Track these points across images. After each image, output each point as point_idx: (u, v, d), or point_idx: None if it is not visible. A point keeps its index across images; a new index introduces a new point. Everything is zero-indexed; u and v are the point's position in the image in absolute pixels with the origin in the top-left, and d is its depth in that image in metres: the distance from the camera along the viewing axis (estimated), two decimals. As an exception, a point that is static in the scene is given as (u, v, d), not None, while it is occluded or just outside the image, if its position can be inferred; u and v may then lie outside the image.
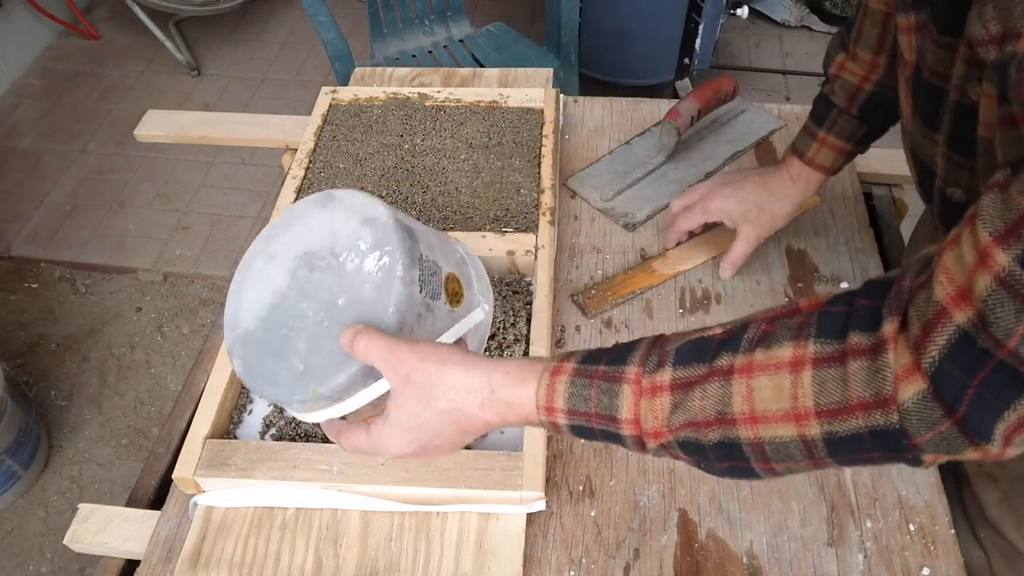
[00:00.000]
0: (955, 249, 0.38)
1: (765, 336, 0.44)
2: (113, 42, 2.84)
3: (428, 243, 0.59)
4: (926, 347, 0.38)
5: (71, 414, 1.82)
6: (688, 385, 0.45)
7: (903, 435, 0.40)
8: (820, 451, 0.42)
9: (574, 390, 0.48)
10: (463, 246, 0.67)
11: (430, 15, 1.98)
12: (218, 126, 1.14)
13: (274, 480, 0.67)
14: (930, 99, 0.55)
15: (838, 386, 0.41)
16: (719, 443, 0.44)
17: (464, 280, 0.62)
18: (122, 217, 2.23)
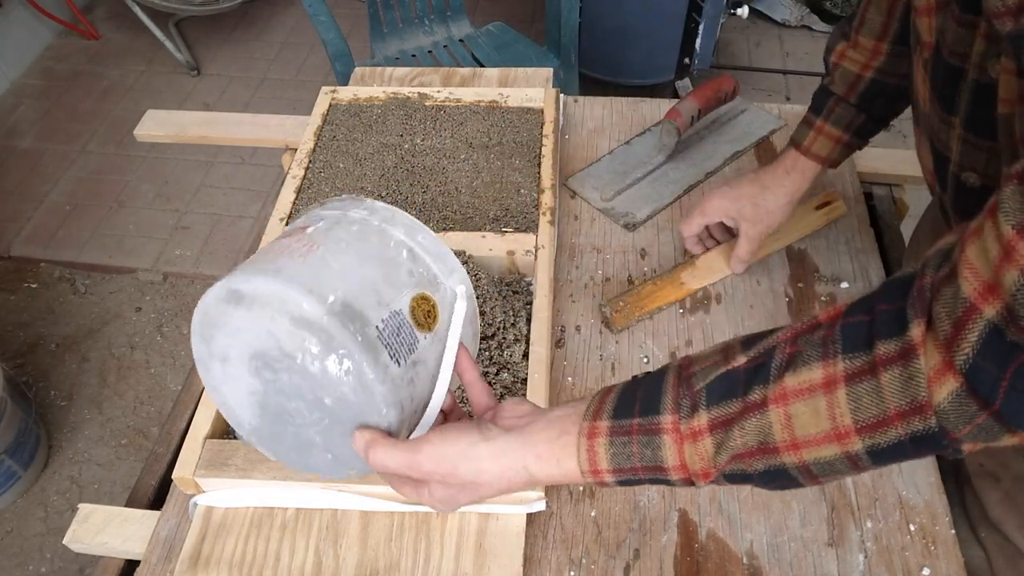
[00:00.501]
0: (978, 242, 0.37)
1: (792, 359, 0.43)
2: (113, 42, 2.84)
3: (373, 294, 0.51)
4: (959, 345, 0.37)
5: (71, 414, 1.82)
6: (726, 423, 0.44)
7: (943, 435, 0.40)
8: (864, 462, 0.43)
9: (615, 450, 0.47)
10: (400, 223, 0.56)
11: (430, 15, 1.98)
12: (218, 126, 1.14)
13: (274, 480, 0.67)
14: (949, 80, 0.55)
15: (874, 400, 0.40)
16: (765, 471, 0.45)
17: (428, 284, 0.55)
18: (122, 217, 2.23)
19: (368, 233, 0.54)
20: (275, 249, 0.53)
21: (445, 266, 0.56)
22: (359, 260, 0.52)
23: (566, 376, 0.80)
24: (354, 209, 0.55)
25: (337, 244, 0.52)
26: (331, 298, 0.49)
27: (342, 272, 0.51)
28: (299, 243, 0.52)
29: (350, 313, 0.49)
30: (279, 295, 0.49)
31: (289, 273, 0.49)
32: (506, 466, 0.49)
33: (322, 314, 0.48)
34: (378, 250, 0.53)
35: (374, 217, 0.55)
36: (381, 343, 0.49)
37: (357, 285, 0.50)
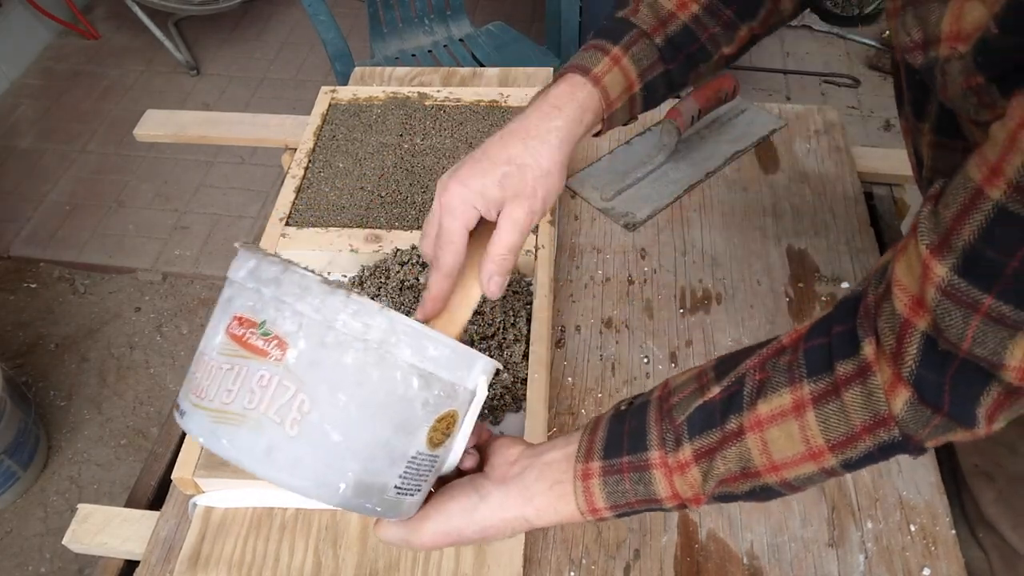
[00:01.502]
0: (903, 259, 0.40)
1: (762, 386, 0.46)
2: (112, 42, 2.84)
3: (386, 456, 0.44)
4: (903, 358, 0.40)
5: (70, 414, 1.82)
6: (709, 453, 0.47)
7: (907, 440, 0.43)
8: (840, 472, 0.46)
9: (610, 488, 0.49)
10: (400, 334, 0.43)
11: (430, 15, 1.98)
12: (218, 126, 1.14)
13: (273, 480, 0.67)
14: (918, 85, 0.55)
15: (841, 419, 0.43)
16: (750, 490, 0.47)
17: (446, 400, 0.46)
18: (121, 217, 2.23)
19: (367, 367, 0.42)
20: (249, 382, 0.42)
21: (463, 369, 0.47)
22: (364, 418, 0.43)
23: (566, 376, 0.80)
24: (340, 313, 0.42)
25: (333, 398, 0.42)
26: (342, 487, 0.43)
27: (347, 446, 0.42)
28: (281, 385, 0.42)
29: (364, 492, 0.44)
30: (282, 486, 0.42)
31: (284, 458, 0.42)
32: (507, 520, 0.51)
33: (335, 503, 0.43)
34: (383, 392, 0.43)
35: (370, 333, 0.42)
36: (401, 494, 0.46)
37: (367, 455, 0.43)
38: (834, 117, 1.07)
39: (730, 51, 0.66)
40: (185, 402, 0.45)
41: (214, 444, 0.43)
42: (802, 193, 0.97)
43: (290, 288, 0.43)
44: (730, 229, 0.94)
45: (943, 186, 0.38)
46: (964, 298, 0.36)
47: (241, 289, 0.45)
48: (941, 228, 0.37)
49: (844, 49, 2.63)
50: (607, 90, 0.58)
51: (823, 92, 2.48)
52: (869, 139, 2.28)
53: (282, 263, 0.44)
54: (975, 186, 0.35)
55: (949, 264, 0.36)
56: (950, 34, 0.41)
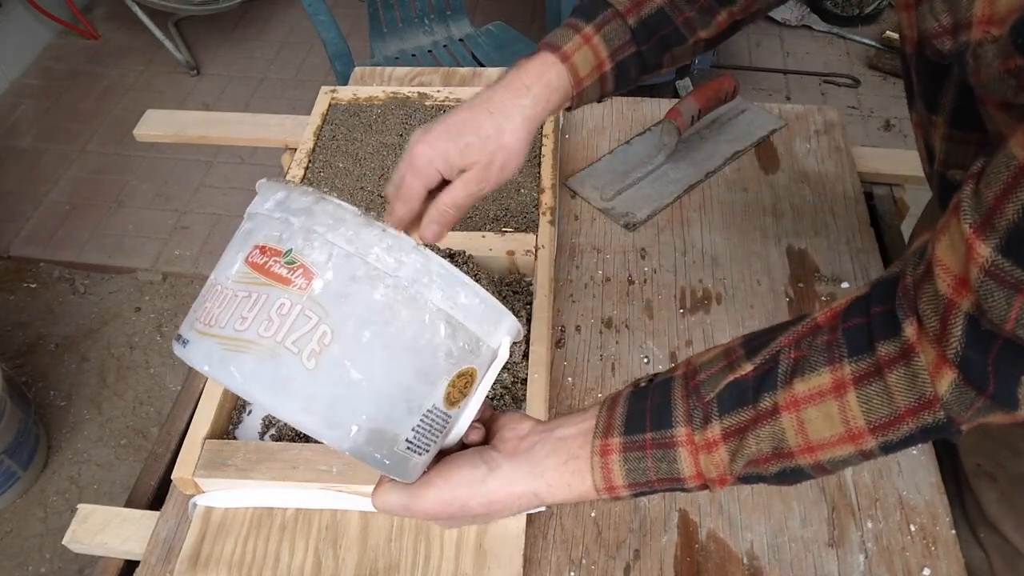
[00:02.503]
0: (945, 239, 0.39)
1: (798, 364, 0.44)
2: (112, 42, 2.84)
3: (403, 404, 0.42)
4: (947, 339, 0.39)
5: (70, 414, 1.82)
6: (740, 432, 0.45)
7: (951, 423, 0.41)
8: (876, 455, 0.44)
9: (630, 466, 0.48)
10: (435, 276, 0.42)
11: (430, 14, 1.98)
12: (218, 126, 1.14)
13: (273, 481, 0.67)
14: (934, 77, 0.55)
15: (884, 400, 0.42)
16: (780, 472, 0.46)
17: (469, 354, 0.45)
18: (121, 217, 2.23)
19: (396, 306, 0.41)
20: (268, 310, 0.40)
21: (490, 323, 0.46)
22: (387, 359, 0.41)
23: (566, 376, 0.80)
24: (374, 246, 0.41)
25: (357, 334, 0.40)
26: (354, 430, 0.41)
27: (367, 386, 0.41)
28: (303, 315, 0.40)
29: (376, 440, 0.42)
30: (292, 421, 0.41)
31: (298, 391, 0.39)
32: (516, 494, 0.49)
33: (345, 448, 0.41)
34: (410, 335, 0.42)
35: (403, 270, 0.41)
36: (411, 451, 0.44)
37: (385, 399, 0.41)
38: (834, 117, 1.07)
39: (707, 35, 0.65)
40: (189, 332, 0.42)
41: (221, 373, 0.40)
42: (802, 193, 0.97)
43: (323, 218, 0.41)
44: (730, 229, 0.94)
45: (984, 164, 0.37)
46: (1008, 278, 0.35)
47: (266, 220, 0.43)
48: (983, 207, 0.36)
49: (844, 49, 2.63)
50: (576, 68, 0.60)
51: (823, 92, 2.48)
52: (869, 139, 2.28)
53: (315, 193, 0.42)
54: (1018, 164, 0.34)
55: (992, 244, 0.35)
56: (982, 18, 0.41)
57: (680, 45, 0.64)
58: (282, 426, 0.74)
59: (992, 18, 0.40)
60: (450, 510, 0.49)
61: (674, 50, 0.65)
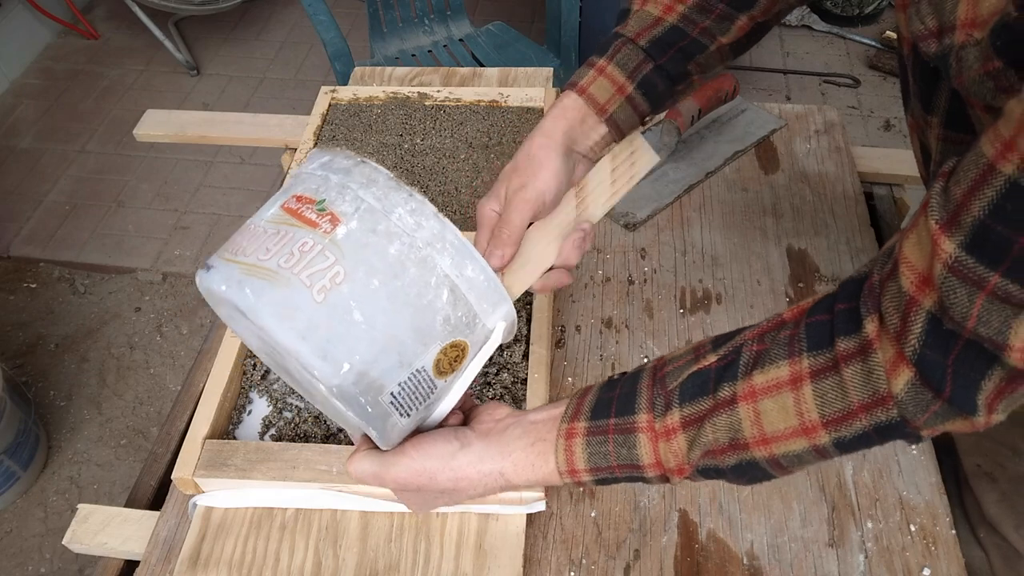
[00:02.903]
0: (913, 236, 0.39)
1: (759, 357, 0.45)
2: (112, 42, 2.84)
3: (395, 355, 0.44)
4: (907, 337, 0.39)
5: (70, 414, 1.82)
6: (698, 420, 0.46)
7: (904, 424, 0.41)
8: (831, 453, 0.44)
9: (592, 449, 0.49)
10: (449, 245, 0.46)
11: (430, 14, 1.98)
12: (217, 126, 1.14)
13: (273, 481, 0.67)
14: (929, 78, 0.55)
15: (838, 394, 0.42)
16: (736, 465, 0.46)
17: (464, 328, 0.47)
18: (121, 217, 2.23)
19: (408, 263, 0.45)
20: (291, 245, 0.44)
21: (489, 302, 0.48)
22: (389, 308, 0.44)
23: (566, 376, 0.80)
24: (399, 207, 0.45)
25: (367, 279, 0.44)
26: (345, 367, 0.43)
27: (366, 328, 0.43)
28: (321, 258, 0.43)
29: (364, 382, 0.44)
30: (287, 347, 0.43)
31: (302, 319, 0.42)
32: (484, 472, 0.51)
33: (333, 385, 0.43)
34: (415, 292, 0.45)
35: (420, 232, 0.45)
36: (394, 407, 0.46)
37: (380, 345, 0.44)
38: (834, 117, 1.07)
39: (729, 40, 0.66)
40: (216, 259, 0.45)
41: (236, 292, 0.43)
42: (802, 193, 0.97)
43: (358, 177, 0.46)
44: (730, 229, 0.94)
45: (955, 163, 0.37)
46: (970, 275, 0.35)
47: (308, 176, 0.47)
48: (951, 204, 0.36)
49: (844, 49, 2.63)
50: (594, 97, 0.64)
51: (823, 92, 2.48)
52: (869, 139, 2.28)
53: (357, 157, 0.47)
54: (987, 162, 0.34)
55: (957, 240, 0.36)
56: (966, 20, 0.41)
57: (702, 53, 0.65)
58: (282, 426, 0.74)
59: (975, 21, 0.40)
60: (419, 480, 0.50)
61: (697, 58, 0.65)
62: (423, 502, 0.54)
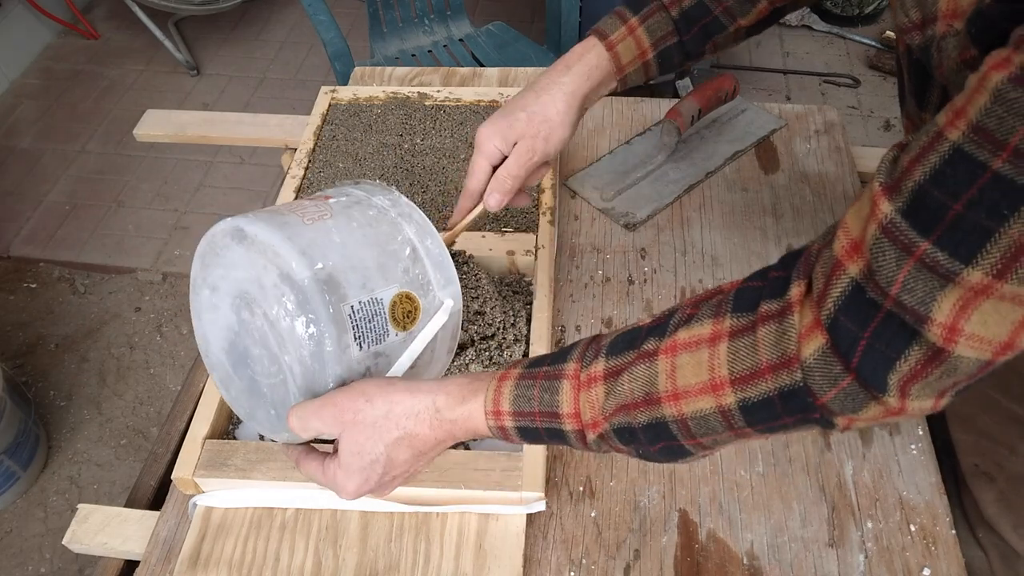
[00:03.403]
0: (856, 205, 0.39)
1: (688, 318, 0.46)
2: (112, 42, 2.84)
3: (360, 276, 0.53)
4: (824, 301, 0.39)
5: (70, 414, 1.82)
6: (619, 371, 0.47)
7: (808, 393, 0.41)
8: (737, 420, 0.44)
9: (519, 392, 0.50)
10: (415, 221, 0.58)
11: (430, 14, 1.98)
12: (218, 126, 1.14)
13: (273, 480, 0.67)
14: (921, 74, 0.55)
15: (750, 353, 0.42)
16: (647, 424, 0.46)
17: (419, 287, 0.56)
18: (121, 217, 2.23)
19: (381, 221, 0.56)
20: (293, 205, 0.56)
21: (442, 276, 0.57)
22: (361, 241, 0.54)
23: (566, 376, 0.80)
24: (380, 195, 0.58)
25: (348, 221, 0.55)
26: (319, 265, 0.51)
27: (341, 246, 0.53)
28: (316, 208, 0.55)
29: (332, 284, 0.51)
30: (275, 247, 0.51)
31: (292, 230, 0.52)
32: (417, 399, 0.51)
33: (306, 277, 0.50)
34: (384, 239, 0.55)
35: (394, 208, 0.57)
36: (351, 322, 0.52)
37: (349, 262, 0.53)
38: (834, 117, 1.07)
39: (747, 23, 0.67)
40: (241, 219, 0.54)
41: (242, 220, 0.53)
42: (802, 193, 0.97)
43: (348, 183, 0.62)
44: (730, 229, 0.94)
45: (913, 136, 0.38)
46: (902, 238, 0.35)
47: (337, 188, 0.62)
48: (897, 171, 0.36)
49: (844, 49, 2.63)
50: (619, 56, 0.67)
51: (823, 92, 2.48)
52: (869, 139, 2.28)
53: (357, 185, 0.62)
54: (937, 129, 0.35)
55: (896, 205, 0.36)
56: (947, 12, 0.42)
57: (720, 33, 0.68)
58: (282, 426, 0.74)
59: (955, 12, 0.41)
60: (356, 403, 0.50)
61: (715, 38, 0.69)
62: (352, 452, 0.51)
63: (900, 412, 0.39)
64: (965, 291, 0.34)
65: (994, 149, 0.32)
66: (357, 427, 0.51)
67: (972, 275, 0.33)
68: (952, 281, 0.34)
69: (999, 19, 0.36)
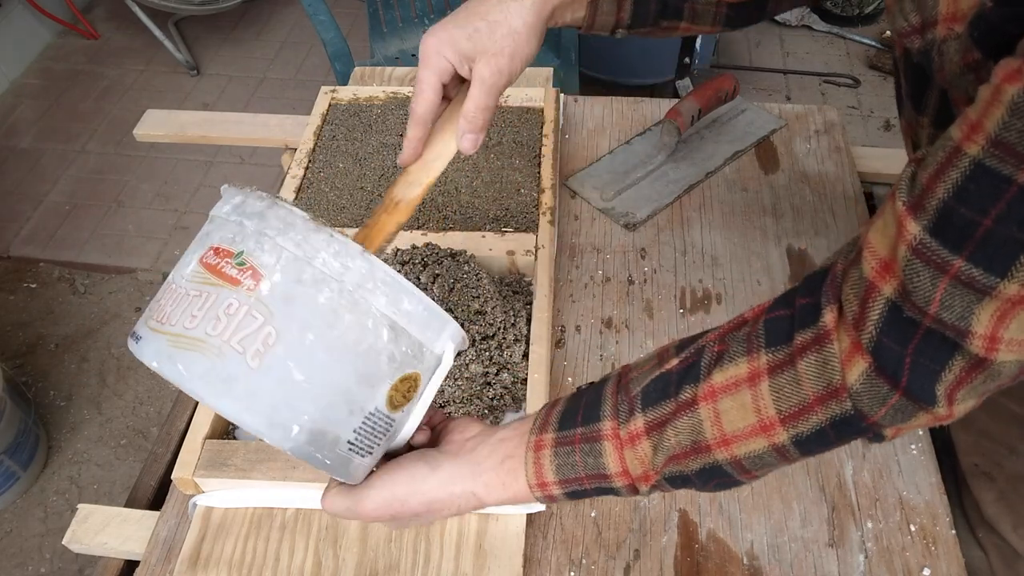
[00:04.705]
0: (879, 222, 0.39)
1: (719, 357, 0.44)
2: (112, 42, 2.84)
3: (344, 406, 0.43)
4: (864, 324, 0.39)
5: (70, 414, 1.82)
6: (661, 425, 0.45)
7: (860, 417, 0.40)
8: (792, 453, 0.43)
9: (560, 460, 0.48)
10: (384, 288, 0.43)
11: (430, 14, 1.98)
12: (217, 126, 1.14)
13: (273, 481, 0.67)
14: (919, 78, 0.55)
15: (794, 389, 0.41)
16: (700, 470, 0.45)
17: (411, 359, 0.46)
18: (121, 217, 2.23)
19: (340, 310, 0.42)
20: (216, 308, 0.41)
21: (433, 330, 0.46)
22: (329, 362, 0.42)
23: (566, 376, 0.80)
24: (321, 251, 0.42)
25: (301, 336, 0.41)
26: (295, 429, 0.42)
27: (308, 387, 0.42)
28: (249, 315, 0.40)
29: (318, 440, 0.43)
30: (232, 418, 0.41)
31: (243, 388, 0.40)
32: (456, 494, 0.50)
33: (287, 448, 0.42)
34: (353, 339, 0.42)
35: (348, 275, 0.42)
36: (353, 452, 0.45)
37: (326, 400, 0.42)
38: (834, 117, 1.07)
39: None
40: (143, 328, 0.43)
41: (169, 369, 0.41)
42: (802, 193, 0.97)
43: (274, 222, 0.42)
44: (730, 229, 0.94)
45: (927, 149, 0.37)
46: (934, 258, 0.35)
47: (223, 223, 0.44)
48: (918, 188, 0.36)
49: (844, 49, 2.63)
50: None
51: (823, 92, 2.48)
52: (869, 139, 2.28)
53: (270, 198, 0.44)
54: (954, 144, 0.34)
55: (922, 223, 0.35)
56: (947, 15, 0.41)
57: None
58: (282, 426, 0.74)
59: (956, 15, 0.40)
60: (391, 510, 0.49)
61: (696, 2, 0.63)
62: (399, 524, 0.53)
63: (948, 417, 0.40)
64: (1002, 303, 0.34)
65: (1017, 163, 0.32)
66: (398, 519, 0.51)
67: (1009, 287, 0.33)
68: (989, 295, 0.34)
69: (1001, 22, 0.36)
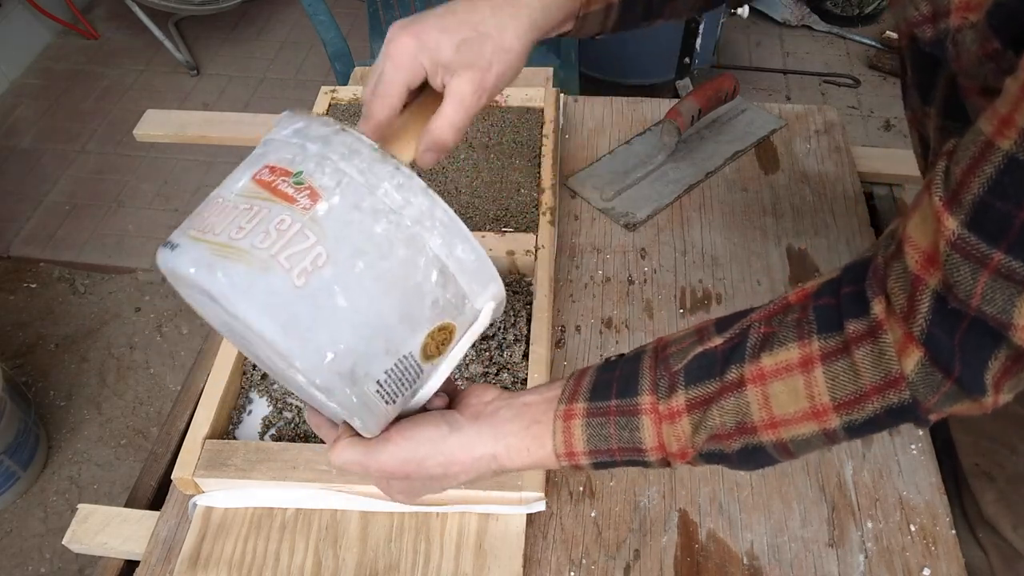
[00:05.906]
0: (917, 216, 0.39)
1: (767, 339, 0.44)
2: (112, 42, 2.84)
3: (382, 342, 0.41)
4: (914, 317, 0.39)
5: (70, 414, 1.82)
6: (704, 403, 0.45)
7: (916, 406, 0.41)
8: (840, 436, 0.44)
9: (592, 431, 0.47)
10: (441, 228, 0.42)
11: (430, 15, 1.98)
12: (217, 126, 1.14)
13: (273, 481, 0.67)
14: (927, 68, 0.55)
15: (850, 377, 0.42)
16: (742, 450, 0.45)
17: (453, 309, 0.44)
18: (121, 217, 2.23)
19: (395, 242, 0.41)
20: (267, 223, 0.39)
21: (479, 283, 0.45)
22: (375, 293, 0.40)
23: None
24: (384, 181, 0.41)
25: (351, 262, 0.40)
26: (329, 356, 0.40)
27: (350, 316, 0.40)
28: (301, 233, 0.39)
29: (349, 373, 0.41)
30: (266, 337, 0.39)
31: (284, 304, 0.38)
32: (476, 456, 0.49)
33: (315, 376, 0.40)
34: (402, 273, 0.41)
35: (408, 209, 0.41)
36: (379, 397, 0.43)
37: (367, 332, 0.41)
38: (834, 117, 1.07)
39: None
40: (181, 236, 0.41)
41: (207, 276, 0.38)
42: (802, 193, 0.97)
43: (339, 147, 0.41)
44: (730, 229, 0.94)
45: (956, 143, 0.37)
46: (973, 252, 0.35)
47: (281, 145, 0.42)
48: (952, 182, 0.36)
49: (844, 49, 2.63)
50: None
51: (823, 92, 2.48)
52: (869, 139, 2.28)
53: (336, 125, 0.42)
54: (985, 139, 0.34)
55: (959, 218, 0.36)
56: (961, 4, 0.41)
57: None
58: (282, 426, 0.74)
59: (971, 4, 0.40)
60: (407, 468, 0.48)
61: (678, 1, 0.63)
62: (410, 490, 0.51)
63: (993, 405, 0.40)
64: None
65: None
66: (411, 481, 0.50)
67: None
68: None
69: (1020, 10, 0.36)
